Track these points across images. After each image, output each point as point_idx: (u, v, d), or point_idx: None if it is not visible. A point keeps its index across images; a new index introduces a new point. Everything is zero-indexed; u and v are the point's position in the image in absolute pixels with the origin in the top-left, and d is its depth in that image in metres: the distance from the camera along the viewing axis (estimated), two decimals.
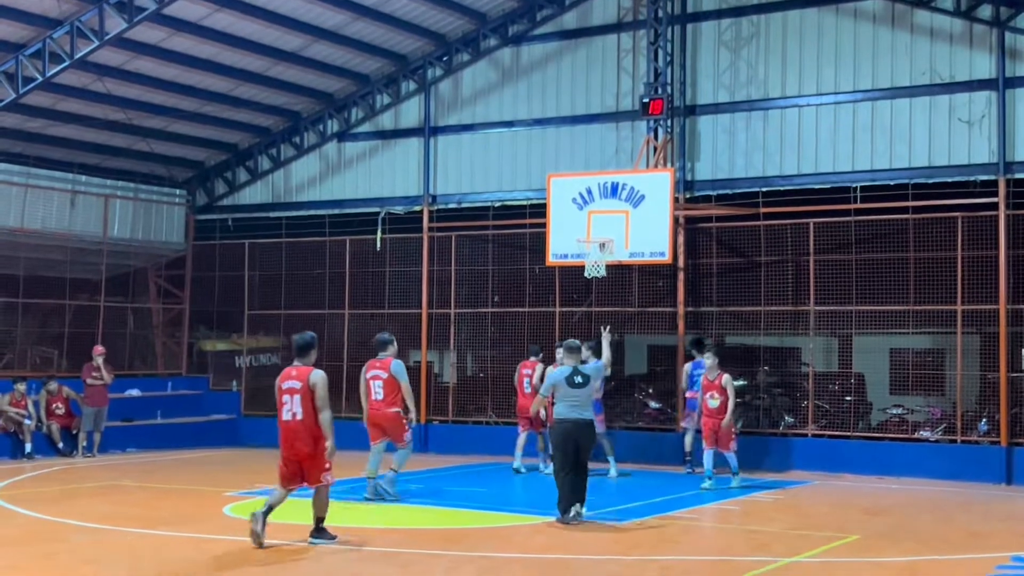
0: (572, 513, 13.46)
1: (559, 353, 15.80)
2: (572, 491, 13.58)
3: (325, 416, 11.69)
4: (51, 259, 23.26)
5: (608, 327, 15.75)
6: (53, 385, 20.96)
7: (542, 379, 16.58)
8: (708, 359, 17.37)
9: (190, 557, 11.25)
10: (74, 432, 20.95)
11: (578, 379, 13.87)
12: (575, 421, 13.72)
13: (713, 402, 16.97)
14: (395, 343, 15.53)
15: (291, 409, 11.73)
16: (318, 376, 11.77)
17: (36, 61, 18.98)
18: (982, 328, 19.32)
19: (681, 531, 13.45)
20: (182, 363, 25.61)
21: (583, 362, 14.54)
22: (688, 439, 18.96)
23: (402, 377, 15.06)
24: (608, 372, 15.71)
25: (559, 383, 13.94)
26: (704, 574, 10.75)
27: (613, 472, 18.02)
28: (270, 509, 11.69)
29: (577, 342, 14.57)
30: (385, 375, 15.13)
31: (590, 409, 14.08)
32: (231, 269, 25.29)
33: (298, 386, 11.77)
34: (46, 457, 20.23)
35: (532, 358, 19.06)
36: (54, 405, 20.88)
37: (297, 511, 14.58)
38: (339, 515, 14.17)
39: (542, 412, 16.45)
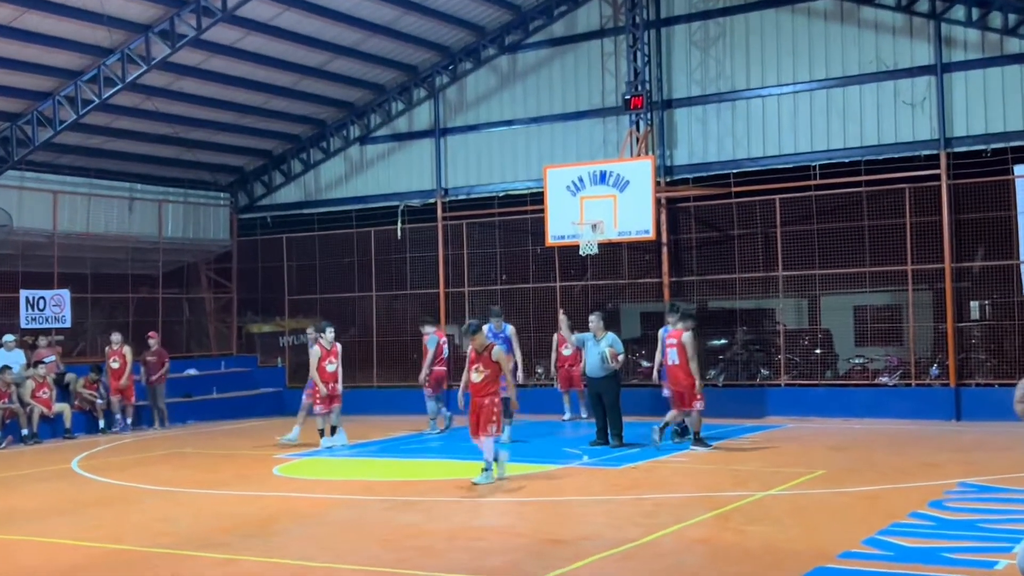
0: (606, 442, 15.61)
1: (597, 321, 16.17)
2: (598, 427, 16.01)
3: None
4: (114, 258, 23.42)
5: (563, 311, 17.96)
6: (93, 375, 20.91)
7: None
8: (671, 319, 15.98)
9: (244, 512, 11.46)
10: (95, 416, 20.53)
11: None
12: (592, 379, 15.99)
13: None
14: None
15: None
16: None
17: (93, 85, 19.11)
18: (933, 285, 19.39)
19: (672, 472, 13.58)
20: (232, 344, 25.82)
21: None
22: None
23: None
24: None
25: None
26: (691, 507, 10.90)
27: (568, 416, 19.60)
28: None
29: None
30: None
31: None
32: (271, 260, 25.44)
33: None
34: (103, 434, 20.22)
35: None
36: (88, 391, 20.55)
37: (336, 469, 14.81)
38: (363, 470, 14.41)
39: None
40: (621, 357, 15.99)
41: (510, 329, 17.52)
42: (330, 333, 16.95)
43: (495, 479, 12.55)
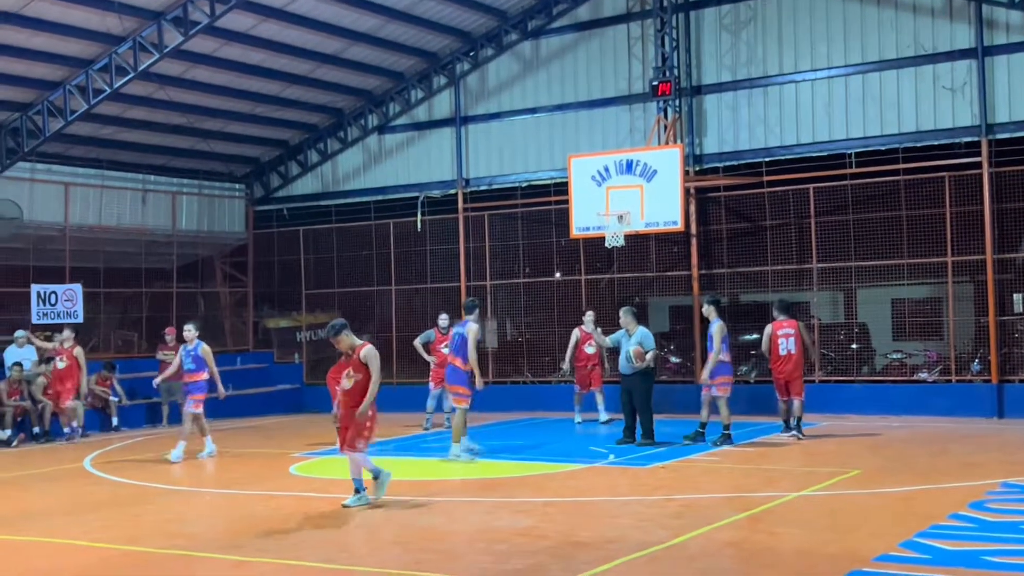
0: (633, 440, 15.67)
1: (628, 316, 16.12)
2: (626, 424, 16.03)
3: None
4: (127, 252, 23.56)
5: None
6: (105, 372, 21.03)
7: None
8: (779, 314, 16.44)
9: (259, 513, 11.47)
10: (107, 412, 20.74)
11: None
12: (624, 375, 15.94)
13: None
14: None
15: None
16: None
17: (104, 75, 19.19)
18: (975, 277, 19.26)
19: (700, 472, 13.52)
20: (249, 340, 25.92)
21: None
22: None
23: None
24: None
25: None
26: (720, 508, 10.84)
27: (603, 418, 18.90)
28: None
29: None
30: None
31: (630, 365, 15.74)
32: (288, 254, 25.52)
33: None
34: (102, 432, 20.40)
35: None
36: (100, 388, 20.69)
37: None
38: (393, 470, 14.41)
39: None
40: (651, 355, 15.75)
41: (469, 325, 15.12)
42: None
43: (371, 500, 11.39)
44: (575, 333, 19.21)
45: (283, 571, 8.71)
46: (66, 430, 19.06)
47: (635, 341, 15.73)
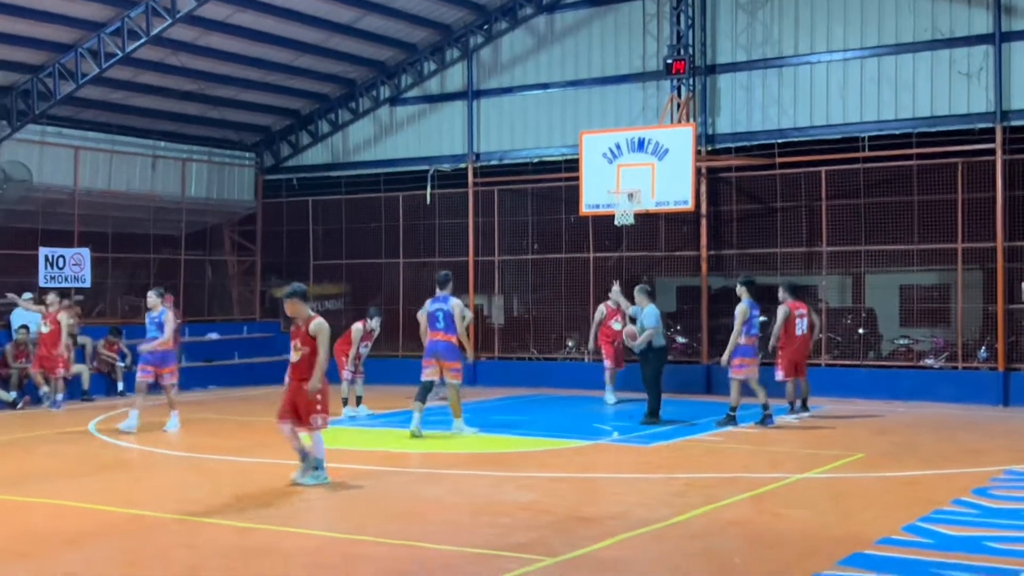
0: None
1: (641, 296, 16.20)
2: (660, 399, 15.97)
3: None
4: (136, 218, 23.54)
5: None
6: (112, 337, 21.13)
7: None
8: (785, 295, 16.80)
9: (263, 480, 11.50)
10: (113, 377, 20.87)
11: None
12: (664, 347, 16.21)
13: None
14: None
15: None
16: None
17: (116, 38, 19.11)
18: (984, 264, 19.18)
19: (704, 452, 13.53)
20: (255, 309, 25.96)
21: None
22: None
23: None
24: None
25: (659, 317, 15.94)
26: (725, 488, 10.85)
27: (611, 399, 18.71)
28: None
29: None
30: None
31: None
32: (297, 224, 25.50)
33: None
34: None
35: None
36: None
37: (359, 440, 14.88)
38: (387, 441, 14.46)
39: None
40: (644, 335, 15.67)
41: (452, 300, 14.81)
42: (375, 322, 17.45)
43: (323, 480, 10.94)
44: (600, 309, 18.88)
45: (286, 538, 8.73)
46: (59, 396, 18.50)
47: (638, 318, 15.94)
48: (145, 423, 15.24)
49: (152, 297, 15.52)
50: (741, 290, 15.97)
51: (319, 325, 10.89)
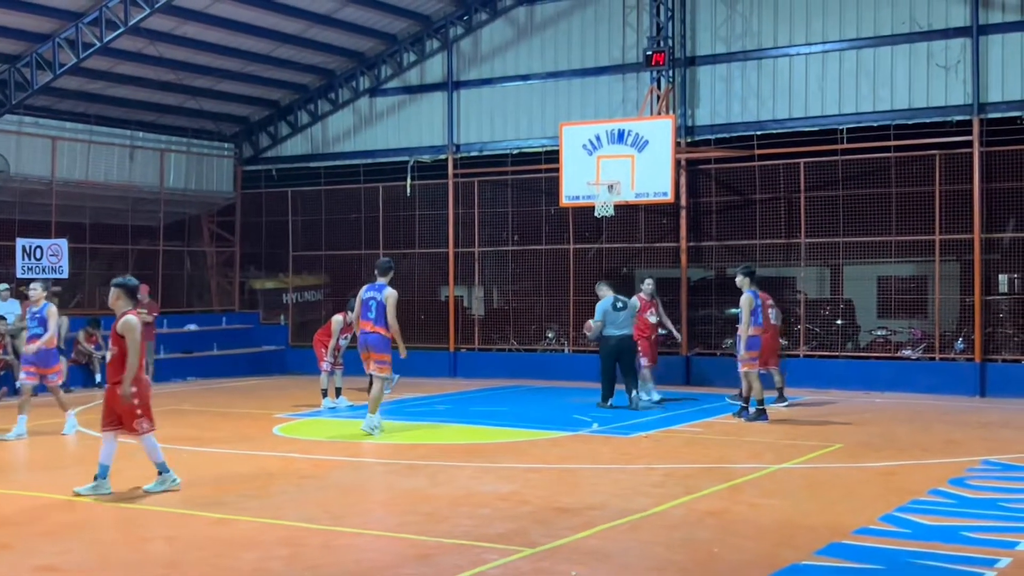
0: (629, 402, 16.31)
1: (600, 289, 16.87)
2: (611, 386, 16.59)
3: None
4: (114, 208, 23.43)
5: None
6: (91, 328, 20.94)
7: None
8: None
9: (242, 472, 11.48)
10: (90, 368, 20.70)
11: (619, 305, 16.52)
12: (619, 337, 16.42)
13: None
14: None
15: None
16: None
17: (94, 28, 18.99)
18: (961, 256, 19.29)
19: (683, 442, 13.57)
20: (235, 300, 25.87)
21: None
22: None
23: None
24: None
25: (607, 310, 16.40)
26: (703, 478, 10.89)
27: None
28: None
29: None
30: None
31: (630, 327, 16.62)
32: (276, 215, 25.41)
33: None
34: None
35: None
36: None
37: (338, 431, 14.84)
38: (366, 432, 14.41)
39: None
40: (595, 326, 16.60)
41: (387, 291, 14.18)
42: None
43: (176, 483, 10.28)
44: (633, 301, 17.14)
45: (265, 529, 8.71)
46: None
47: (631, 302, 16.91)
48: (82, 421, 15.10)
49: (36, 290, 14.04)
50: (743, 280, 15.32)
51: (127, 324, 9.98)
